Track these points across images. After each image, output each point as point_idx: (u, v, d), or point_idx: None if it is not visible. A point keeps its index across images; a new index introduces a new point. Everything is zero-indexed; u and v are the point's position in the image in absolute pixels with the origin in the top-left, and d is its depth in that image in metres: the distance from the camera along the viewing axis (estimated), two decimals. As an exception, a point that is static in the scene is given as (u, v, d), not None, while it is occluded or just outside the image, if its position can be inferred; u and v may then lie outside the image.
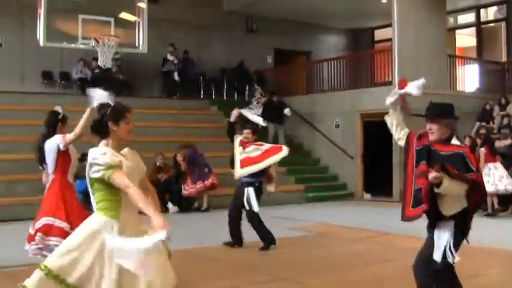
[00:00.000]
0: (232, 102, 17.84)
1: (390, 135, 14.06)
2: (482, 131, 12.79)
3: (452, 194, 3.89)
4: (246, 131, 7.90)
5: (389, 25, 15.30)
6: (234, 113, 8.06)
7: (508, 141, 11.84)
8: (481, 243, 8.08)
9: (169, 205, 12.23)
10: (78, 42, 10.65)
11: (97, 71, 15.95)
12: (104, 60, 10.56)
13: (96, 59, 13.31)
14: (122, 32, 10.91)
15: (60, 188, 5.59)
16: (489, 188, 10.94)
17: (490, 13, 19.69)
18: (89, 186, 3.55)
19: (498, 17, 19.38)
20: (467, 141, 11.73)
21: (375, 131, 14.51)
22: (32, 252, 5.57)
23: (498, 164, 11.08)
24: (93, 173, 3.45)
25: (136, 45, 10.68)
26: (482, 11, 19.32)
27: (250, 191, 7.63)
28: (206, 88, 18.42)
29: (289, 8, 18.30)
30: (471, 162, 3.88)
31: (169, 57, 17.00)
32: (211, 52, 18.77)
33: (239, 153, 7.78)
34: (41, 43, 9.75)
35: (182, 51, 17.71)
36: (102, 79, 16.49)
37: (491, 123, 14.98)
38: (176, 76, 17.24)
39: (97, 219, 3.47)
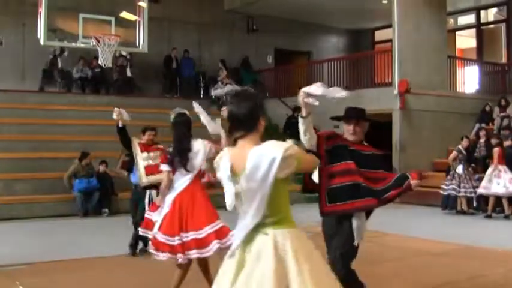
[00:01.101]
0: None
1: (390, 136, 14.13)
2: (482, 132, 12.79)
3: None
4: (150, 132, 7.26)
5: (390, 26, 15.28)
6: (116, 112, 7.10)
7: (508, 143, 11.81)
8: (484, 244, 8.10)
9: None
10: (78, 41, 10.65)
11: (98, 69, 15.95)
12: (104, 59, 10.54)
13: (96, 57, 13.31)
14: (123, 31, 10.91)
15: (205, 190, 5.34)
16: (500, 189, 10.90)
17: (490, 14, 19.69)
18: (265, 194, 2.69)
19: (498, 19, 19.39)
20: (465, 142, 11.72)
21: (375, 132, 14.52)
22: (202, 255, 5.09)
23: (506, 168, 11.06)
24: (283, 170, 2.68)
25: (137, 44, 10.67)
26: (482, 12, 19.32)
27: (154, 194, 7.12)
28: (206, 88, 18.38)
29: (289, 8, 18.29)
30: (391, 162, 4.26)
31: (123, 52, 15.84)
32: (212, 51, 18.76)
33: (143, 159, 7.08)
34: (41, 42, 9.75)
35: (182, 50, 17.72)
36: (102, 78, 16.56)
37: (490, 124, 14.98)
38: (129, 72, 16.78)
39: (299, 236, 2.77)
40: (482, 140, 12.54)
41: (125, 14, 10.92)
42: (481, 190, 11.15)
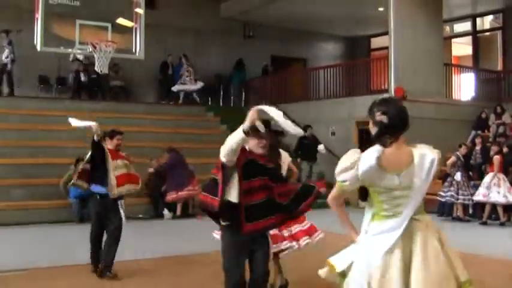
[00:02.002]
0: (228, 108, 17.93)
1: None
2: (478, 139, 12.81)
3: None
4: (119, 136, 6.76)
5: (386, 33, 15.33)
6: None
7: (504, 150, 11.84)
8: (480, 251, 8.10)
9: (165, 211, 12.18)
10: (75, 47, 10.63)
11: (94, 76, 15.90)
12: (101, 65, 10.52)
13: (93, 64, 13.23)
14: (119, 37, 10.90)
15: None
16: (499, 198, 10.87)
17: (486, 22, 19.80)
18: (426, 190, 3.14)
19: (494, 26, 19.49)
20: (463, 150, 11.73)
21: (371, 139, 14.52)
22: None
23: (504, 176, 11.06)
24: (436, 169, 3.15)
25: (134, 51, 10.65)
26: (478, 20, 19.42)
27: (123, 203, 6.92)
28: (202, 94, 18.40)
29: (286, 15, 18.35)
30: None
31: (79, 56, 15.22)
32: (208, 58, 18.79)
33: (115, 168, 6.59)
34: (38, 48, 9.72)
35: (178, 57, 17.74)
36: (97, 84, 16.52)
37: (486, 131, 15.03)
38: (83, 77, 16.19)
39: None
40: (478, 147, 12.56)
41: (121, 21, 10.90)
42: (480, 198, 11.12)
